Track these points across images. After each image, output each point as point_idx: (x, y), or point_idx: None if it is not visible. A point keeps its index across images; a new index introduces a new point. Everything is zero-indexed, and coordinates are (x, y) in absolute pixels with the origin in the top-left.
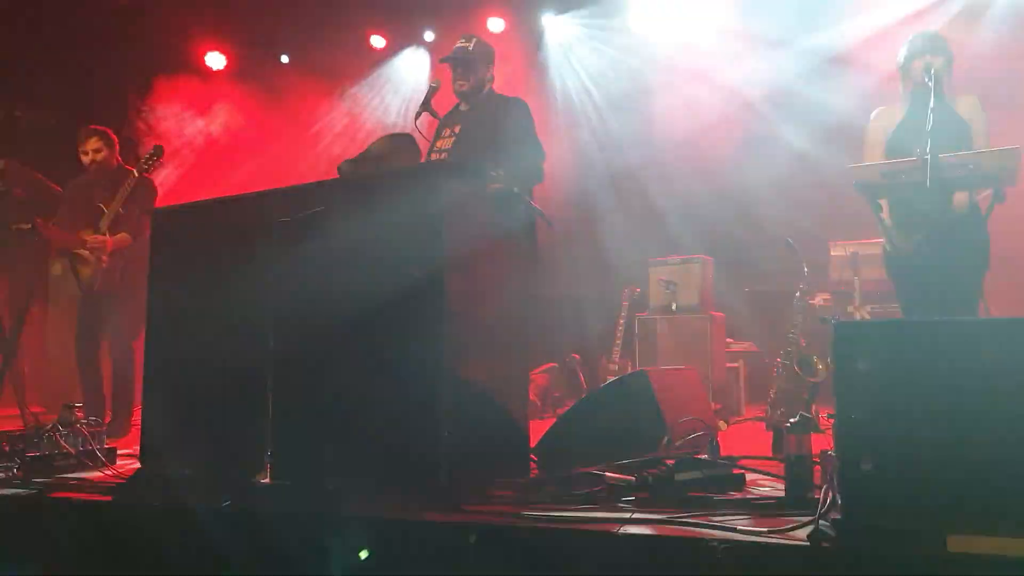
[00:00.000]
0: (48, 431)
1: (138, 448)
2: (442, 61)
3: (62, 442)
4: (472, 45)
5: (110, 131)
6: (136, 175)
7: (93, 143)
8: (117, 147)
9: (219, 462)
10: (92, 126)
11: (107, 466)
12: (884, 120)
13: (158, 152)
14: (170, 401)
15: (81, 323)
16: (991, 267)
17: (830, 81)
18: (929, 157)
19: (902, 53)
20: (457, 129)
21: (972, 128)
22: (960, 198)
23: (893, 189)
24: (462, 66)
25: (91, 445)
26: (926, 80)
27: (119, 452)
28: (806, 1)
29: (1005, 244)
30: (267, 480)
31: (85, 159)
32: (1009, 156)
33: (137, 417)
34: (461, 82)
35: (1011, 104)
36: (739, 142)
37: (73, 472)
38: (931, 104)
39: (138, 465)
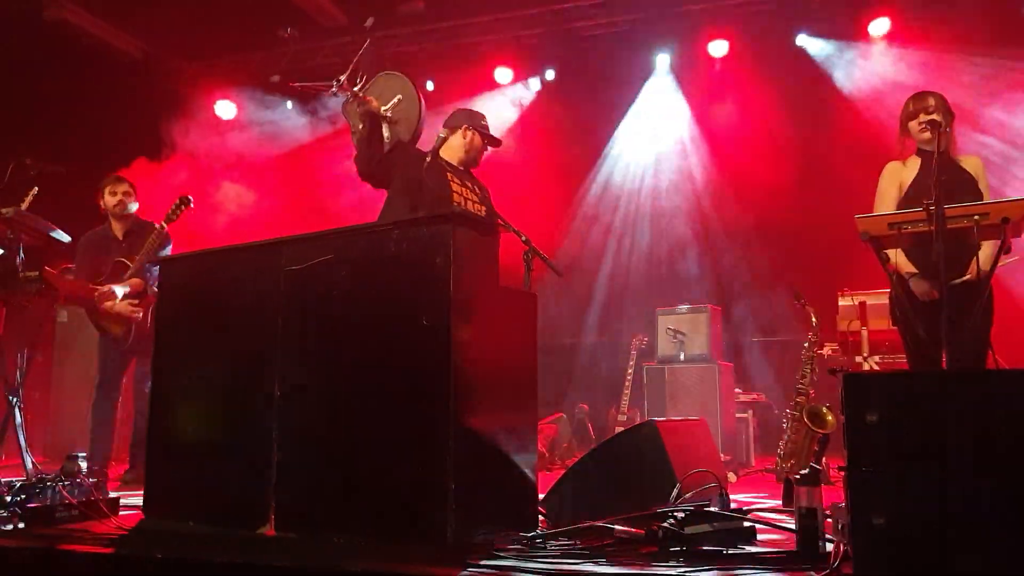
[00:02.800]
0: (51, 481)
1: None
2: (495, 146)
3: (64, 492)
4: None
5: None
6: (164, 227)
7: (124, 186)
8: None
9: (223, 514)
10: (119, 174)
11: (109, 517)
12: (896, 175)
13: (185, 202)
14: (175, 451)
15: (104, 371)
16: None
17: (836, 135)
18: (935, 208)
19: (902, 113)
20: (478, 190)
21: (980, 185)
22: (983, 252)
23: (899, 240)
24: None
25: (94, 496)
26: (926, 133)
27: (122, 503)
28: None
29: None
30: (272, 533)
31: (112, 200)
32: (1016, 207)
33: None
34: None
35: None
36: (747, 193)
37: (75, 523)
38: (935, 155)
39: (141, 516)
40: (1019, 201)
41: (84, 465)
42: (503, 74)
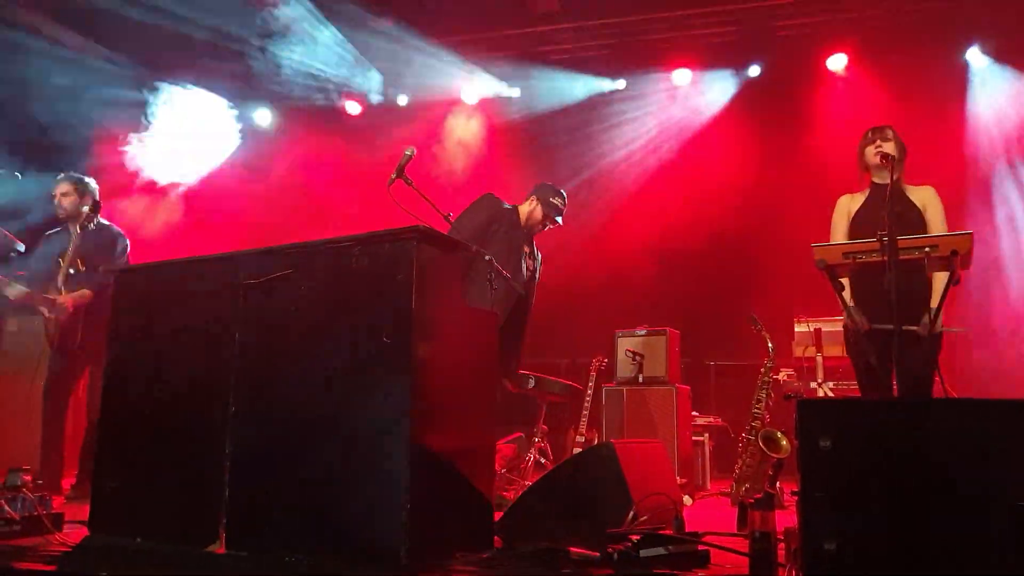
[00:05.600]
0: None
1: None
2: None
3: (7, 507)
4: (563, 203)
5: (88, 180)
6: (113, 227)
7: (62, 187)
8: (95, 198)
9: (172, 530)
10: (71, 172)
11: (53, 533)
12: (847, 206)
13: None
14: (124, 465)
15: (51, 380)
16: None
17: (794, 165)
18: (888, 239)
19: (861, 142)
20: (533, 255)
21: (927, 215)
22: (920, 280)
23: (854, 269)
24: (557, 220)
25: (38, 510)
26: (879, 161)
27: (67, 519)
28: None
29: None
30: (222, 551)
31: (54, 202)
32: (963, 240)
33: None
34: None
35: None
36: (706, 219)
37: (16, 539)
38: (889, 182)
39: (86, 532)
40: (967, 235)
41: (28, 479)
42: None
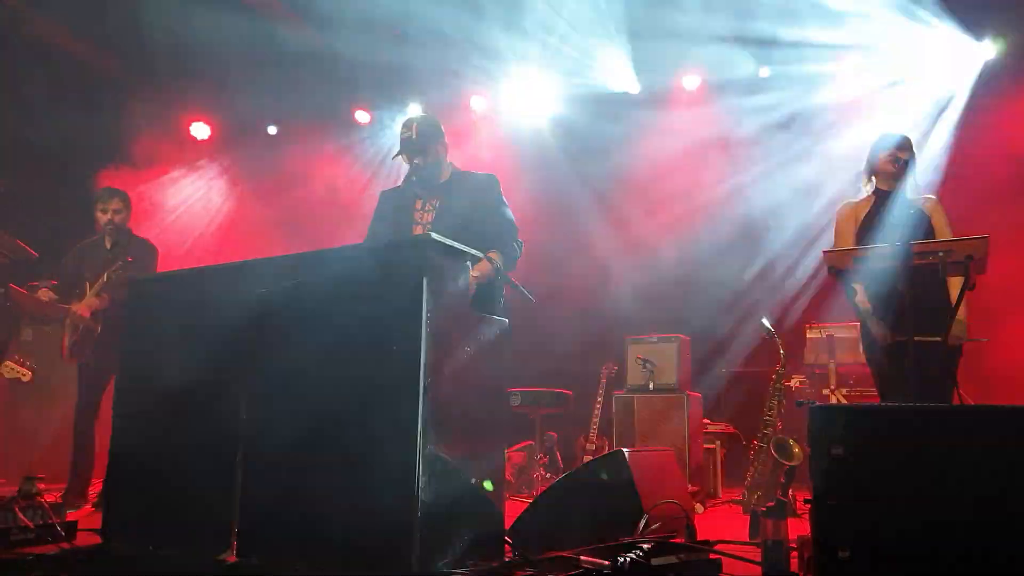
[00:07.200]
0: (7, 503)
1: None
2: (394, 159)
3: (21, 515)
4: (414, 132)
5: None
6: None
7: (115, 204)
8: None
9: (184, 538)
10: (115, 187)
11: (66, 541)
12: (852, 213)
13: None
14: (136, 474)
15: (80, 394)
16: (963, 353)
17: (810, 170)
18: (901, 243)
19: (871, 149)
20: (437, 203)
21: (934, 222)
22: (937, 287)
23: (865, 274)
24: (413, 152)
25: (52, 519)
26: (893, 168)
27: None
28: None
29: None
30: (233, 559)
31: (103, 217)
32: (979, 244)
33: None
34: (418, 161)
35: None
36: (719, 226)
37: (31, 547)
38: (904, 189)
39: (99, 541)
40: (982, 239)
41: (41, 487)
42: (477, 102)
